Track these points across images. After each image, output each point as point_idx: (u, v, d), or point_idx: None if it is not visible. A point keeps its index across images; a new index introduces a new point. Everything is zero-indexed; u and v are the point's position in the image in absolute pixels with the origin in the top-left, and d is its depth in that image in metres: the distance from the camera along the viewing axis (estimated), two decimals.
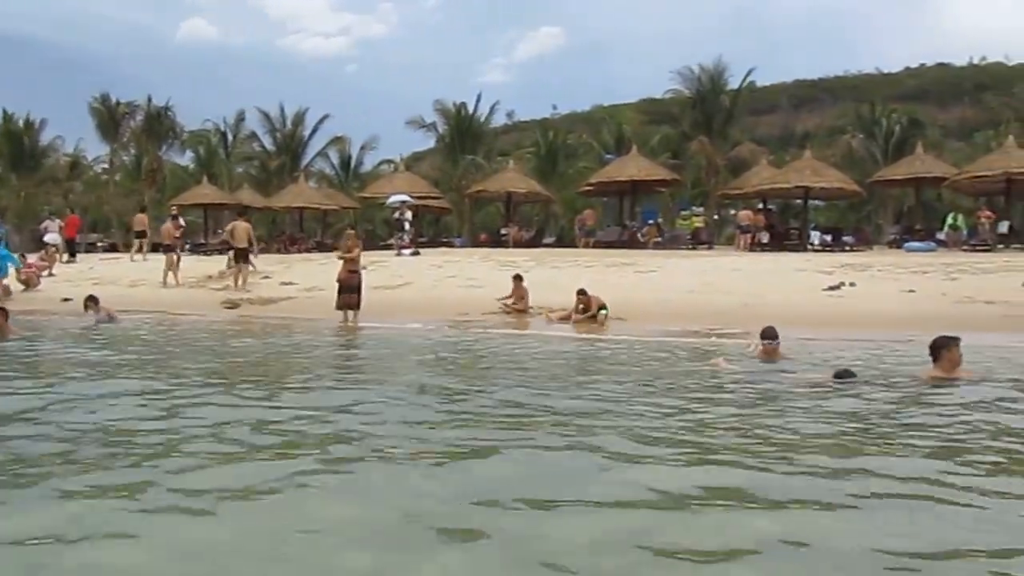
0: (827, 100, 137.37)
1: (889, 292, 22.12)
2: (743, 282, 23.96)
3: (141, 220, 39.19)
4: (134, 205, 51.63)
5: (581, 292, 20.66)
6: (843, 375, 10.01)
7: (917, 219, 45.06)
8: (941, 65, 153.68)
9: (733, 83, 53.02)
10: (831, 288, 22.62)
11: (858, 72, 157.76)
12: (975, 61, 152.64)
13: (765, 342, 11.88)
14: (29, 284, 27.46)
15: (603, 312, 20.14)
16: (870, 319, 18.86)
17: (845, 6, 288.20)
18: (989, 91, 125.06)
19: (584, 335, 17.93)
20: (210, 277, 28.73)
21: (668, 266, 27.57)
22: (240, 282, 26.59)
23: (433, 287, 25.36)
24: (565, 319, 20.34)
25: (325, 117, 63.92)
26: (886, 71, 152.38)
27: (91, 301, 18.97)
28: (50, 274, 29.96)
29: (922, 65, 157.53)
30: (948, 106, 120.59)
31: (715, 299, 21.86)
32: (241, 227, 27.07)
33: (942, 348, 9.97)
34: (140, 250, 37.33)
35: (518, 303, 21.80)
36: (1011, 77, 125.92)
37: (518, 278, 22.39)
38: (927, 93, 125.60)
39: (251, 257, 27.48)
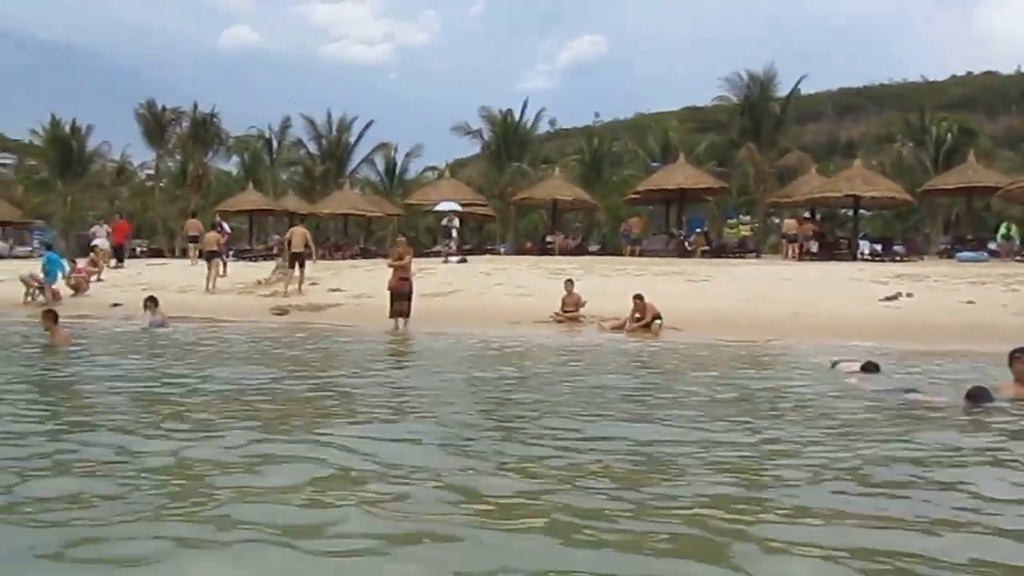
0: (872, 108, 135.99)
1: (947, 303, 21.71)
2: (795, 292, 23.63)
3: (194, 225, 39.65)
4: (179, 211, 52.17)
5: (638, 297, 20.40)
6: (977, 396, 9.11)
7: (967, 229, 44.42)
8: (988, 73, 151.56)
9: (782, 90, 52.56)
10: (888, 299, 22.24)
11: (903, 80, 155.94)
12: (1023, 69, 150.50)
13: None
14: (78, 289, 27.67)
15: (657, 322, 19.92)
16: (929, 330, 18.52)
17: (889, 13, 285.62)
18: None
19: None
20: (258, 283, 28.75)
21: (718, 275, 27.17)
22: (296, 286, 26.85)
23: (481, 295, 25.21)
24: (618, 328, 20.10)
25: (371, 123, 64.21)
26: (932, 79, 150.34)
27: (151, 302, 19.08)
28: (99, 279, 30.14)
29: (969, 73, 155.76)
30: (996, 115, 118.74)
31: (767, 308, 21.57)
32: (298, 232, 27.68)
33: (1010, 361, 9.75)
34: (196, 255, 37.88)
35: (571, 309, 21.58)
36: None
37: (570, 283, 22.18)
38: (974, 102, 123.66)
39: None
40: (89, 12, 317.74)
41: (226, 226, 36.72)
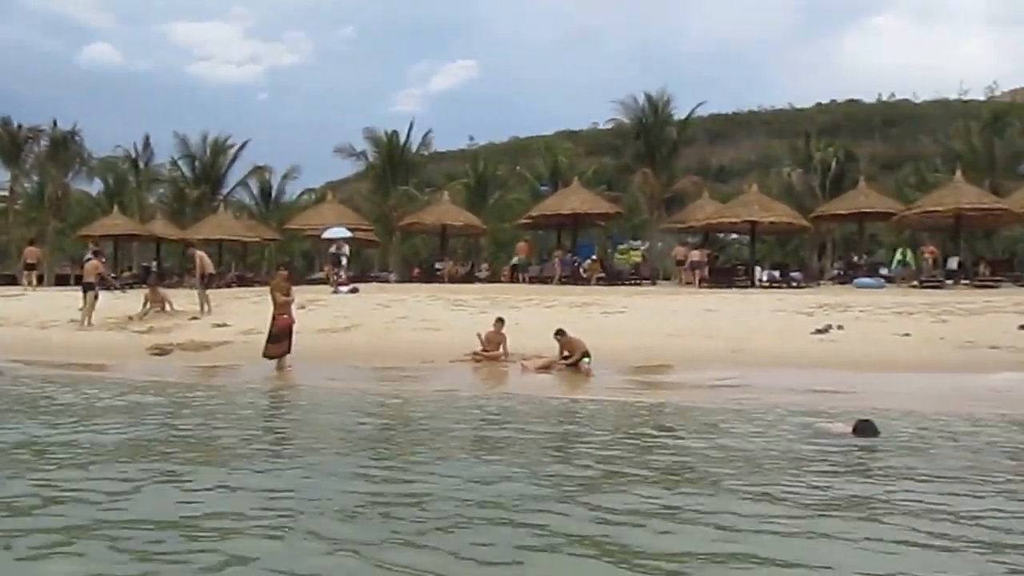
0: (741, 134, 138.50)
1: (880, 335, 20.74)
2: (722, 324, 22.32)
3: (32, 252, 38.24)
4: (36, 235, 49.07)
5: (559, 333, 18.68)
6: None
7: (860, 254, 44.26)
8: (851, 101, 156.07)
9: (677, 115, 51.81)
10: (819, 331, 21.12)
11: (771, 107, 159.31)
12: (883, 98, 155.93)
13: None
14: None
15: (586, 360, 18.22)
16: (871, 365, 17.46)
17: (756, 41, 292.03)
18: (896, 127, 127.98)
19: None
20: (130, 319, 25.85)
21: (632, 306, 25.57)
22: (207, 307, 26.24)
23: (386, 330, 22.94)
24: (545, 368, 18.30)
25: (246, 143, 60.56)
26: (799, 107, 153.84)
27: None
28: None
29: (832, 101, 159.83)
30: (859, 141, 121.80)
31: (699, 344, 20.27)
32: (200, 255, 27.69)
33: None
34: (32, 283, 36.86)
35: (492, 349, 19.68)
36: (918, 114, 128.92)
37: (500, 322, 20.27)
38: (838, 128, 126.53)
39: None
40: None
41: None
